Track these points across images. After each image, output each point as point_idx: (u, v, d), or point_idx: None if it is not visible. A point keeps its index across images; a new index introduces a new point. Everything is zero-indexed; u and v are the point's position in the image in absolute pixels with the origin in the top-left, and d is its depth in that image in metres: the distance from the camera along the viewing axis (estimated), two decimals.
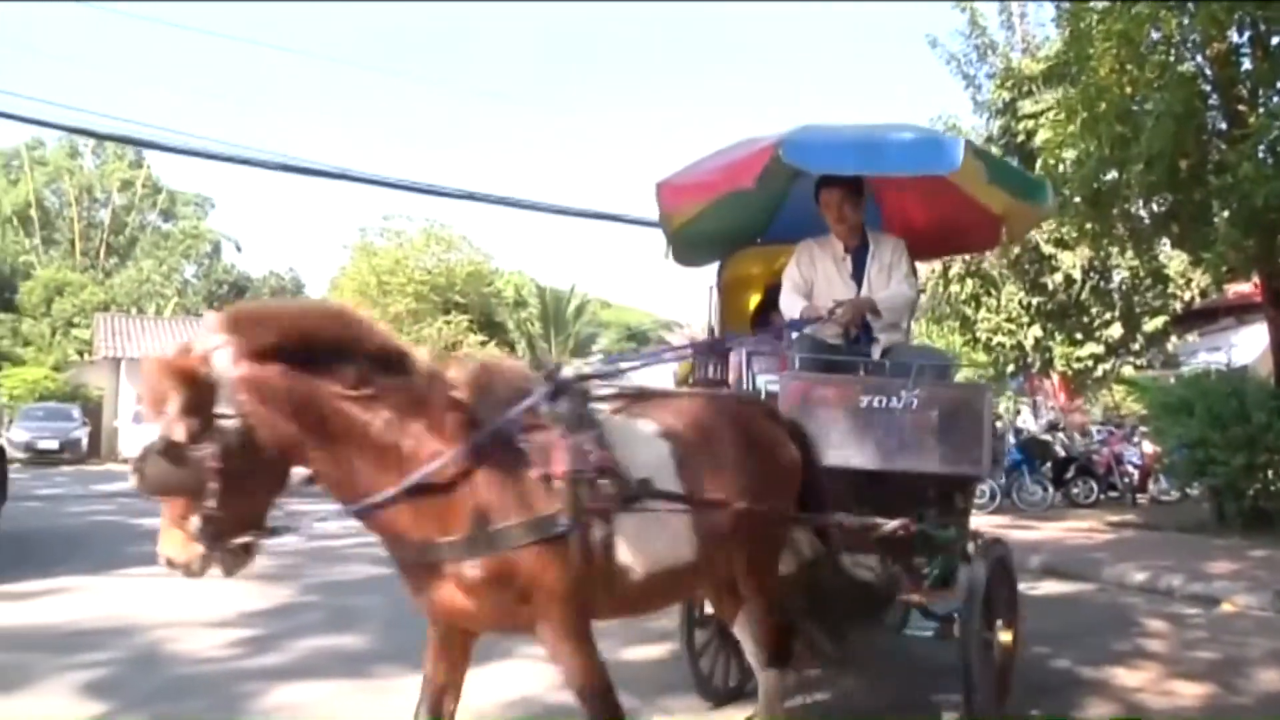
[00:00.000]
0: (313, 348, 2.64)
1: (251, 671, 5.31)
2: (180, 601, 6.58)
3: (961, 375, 25.94)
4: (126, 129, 17.50)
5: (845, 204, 4.64)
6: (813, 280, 4.75)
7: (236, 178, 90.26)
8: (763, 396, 4.52)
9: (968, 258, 17.01)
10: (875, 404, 4.17)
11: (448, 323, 29.98)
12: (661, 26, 77.10)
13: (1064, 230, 14.31)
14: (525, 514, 2.76)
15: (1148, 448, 16.17)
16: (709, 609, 4.45)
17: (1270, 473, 11.07)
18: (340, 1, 65.52)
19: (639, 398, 3.52)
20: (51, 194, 47.79)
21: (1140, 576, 8.57)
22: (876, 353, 4.59)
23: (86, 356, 35.19)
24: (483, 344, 28.34)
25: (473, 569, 2.72)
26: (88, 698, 4.91)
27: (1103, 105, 9.39)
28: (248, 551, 2.66)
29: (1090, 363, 17.93)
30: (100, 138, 31.69)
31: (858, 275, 4.70)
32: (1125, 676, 5.36)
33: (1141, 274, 16.22)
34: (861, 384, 4.27)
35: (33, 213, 45.68)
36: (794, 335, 4.66)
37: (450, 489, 2.73)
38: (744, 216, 5.34)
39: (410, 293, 30.47)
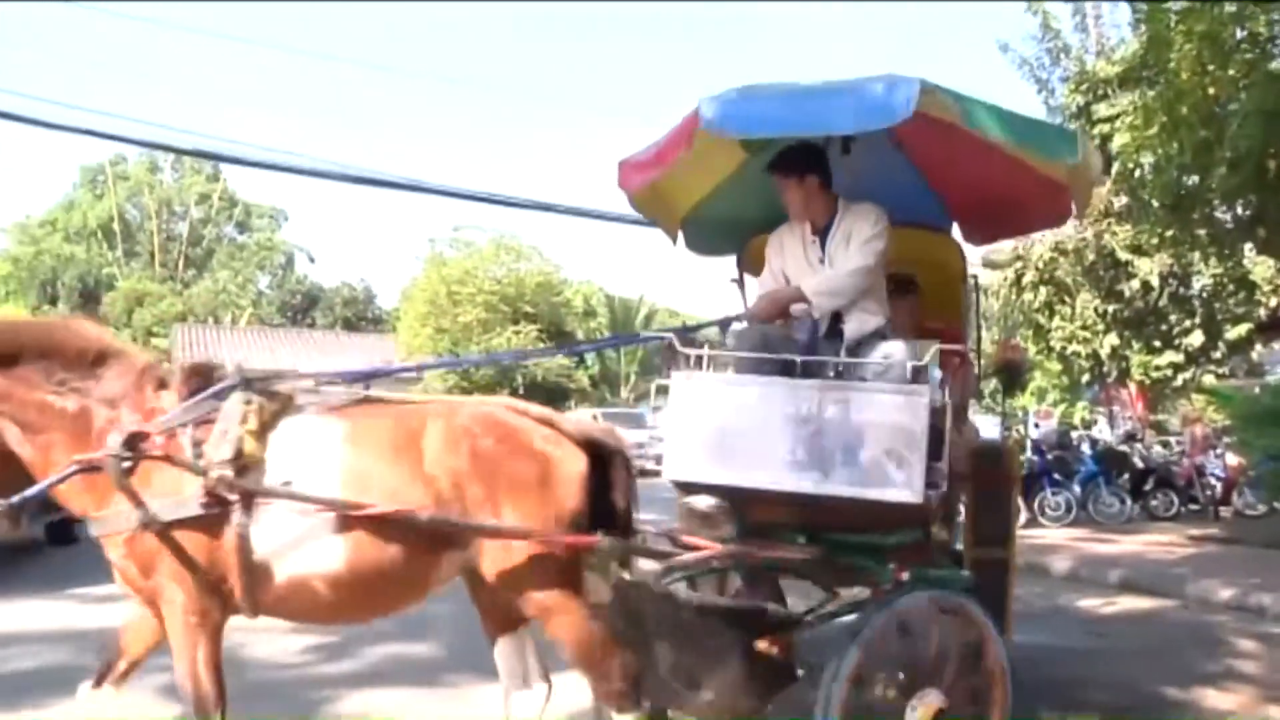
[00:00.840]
0: (18, 353, 3.14)
1: (325, 678, 5.37)
2: None
3: (1034, 385, 25.49)
4: (204, 144, 17.98)
5: (790, 188, 4.12)
6: (784, 270, 4.25)
7: (309, 190, 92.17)
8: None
9: (1040, 265, 16.67)
10: (785, 411, 3.54)
11: (517, 332, 30.20)
12: (711, 29, 77.07)
13: (1142, 236, 13.95)
14: (104, 503, 3.12)
15: (1231, 459, 15.67)
16: None
17: None
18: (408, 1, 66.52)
19: (368, 401, 3.45)
20: (133, 208, 49.26)
21: (1227, 593, 8.28)
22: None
23: (165, 365, 36.12)
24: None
25: (108, 546, 3.17)
26: (167, 699, 5.00)
27: (1184, 108, 9.12)
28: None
29: (1169, 372, 17.40)
30: (179, 153, 32.53)
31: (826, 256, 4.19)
32: (1216, 698, 5.17)
33: (1225, 280, 15.73)
34: (767, 388, 3.68)
35: (115, 226, 47.17)
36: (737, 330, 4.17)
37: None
38: (759, 199, 4.65)
39: (480, 303, 30.76)
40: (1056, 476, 14.88)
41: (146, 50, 67.08)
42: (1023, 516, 14.19)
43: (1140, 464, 15.90)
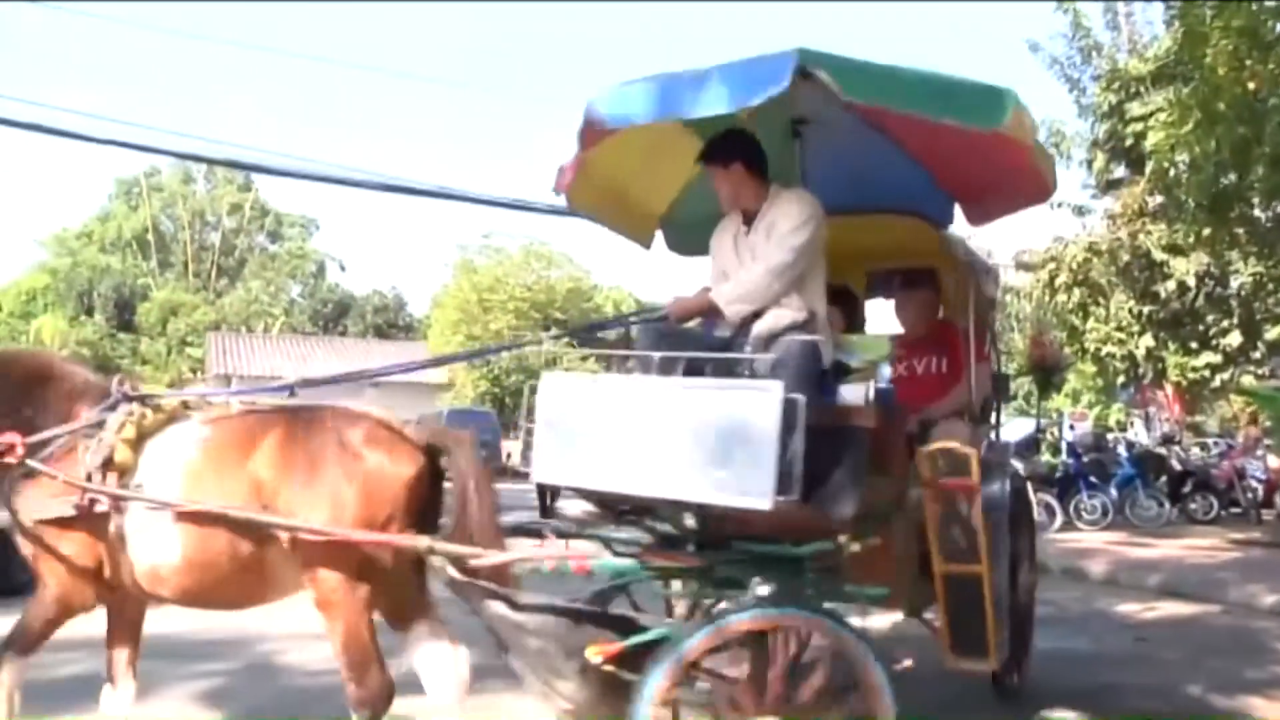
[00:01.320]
0: None
1: None
2: (294, 614, 6.72)
3: (1069, 387, 25.18)
4: (236, 154, 18.17)
5: (717, 176, 3.93)
6: (723, 265, 4.02)
7: (340, 199, 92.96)
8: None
9: (1074, 266, 16.51)
10: (645, 410, 3.35)
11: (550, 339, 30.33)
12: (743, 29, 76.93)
13: (1177, 236, 13.78)
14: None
15: (1273, 461, 15.42)
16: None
17: None
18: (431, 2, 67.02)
19: (239, 410, 3.83)
20: (167, 219, 49.91)
21: (1271, 599, 8.14)
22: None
23: (199, 374, 36.61)
24: (583, 359, 28.65)
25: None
26: (205, 705, 5.06)
27: (1221, 104, 8.99)
28: None
29: (1207, 373, 17.18)
30: (212, 163, 33.07)
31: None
32: (1265, 708, 5.06)
33: (1264, 279, 15.51)
34: (624, 388, 3.55)
35: (150, 237, 47.80)
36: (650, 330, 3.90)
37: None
38: None
39: (511, 309, 30.90)
40: (1092, 479, 14.73)
41: (149, 54, 67.99)
42: (1058, 519, 14.07)
43: (1178, 466, 15.70)
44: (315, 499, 3.42)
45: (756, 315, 3.75)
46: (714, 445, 3.17)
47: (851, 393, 3.58)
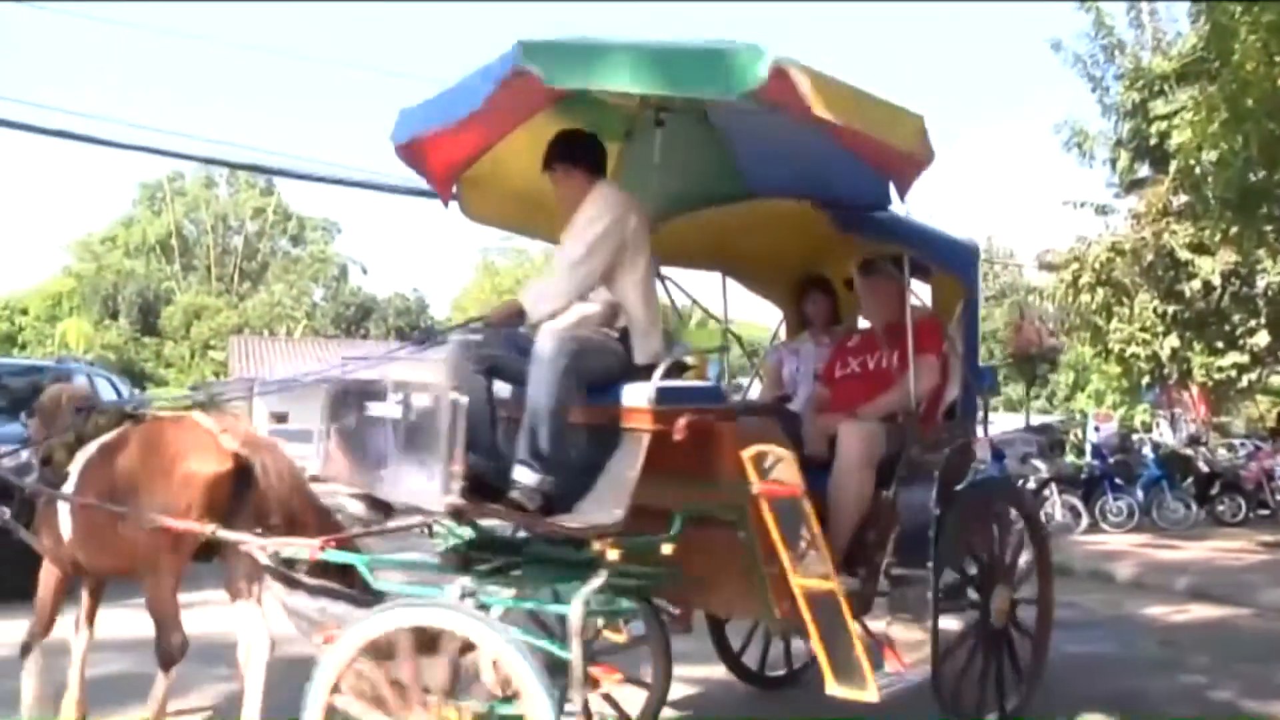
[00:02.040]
0: None
1: None
2: None
3: (1092, 388, 24.98)
4: (258, 158, 18.29)
5: (555, 176, 3.78)
6: None
7: (361, 202, 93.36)
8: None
9: (1097, 266, 16.40)
10: (375, 412, 3.47)
11: None
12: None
13: (1203, 234, 13.67)
14: None
15: None
16: None
17: None
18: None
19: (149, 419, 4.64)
20: (190, 223, 50.35)
21: None
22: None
23: (222, 377, 36.87)
24: None
25: None
26: (232, 708, 5.06)
27: (1249, 101, 8.90)
28: None
29: (1233, 373, 17.03)
30: (234, 167, 33.17)
31: None
32: None
33: None
34: (370, 388, 3.62)
35: (173, 241, 48.22)
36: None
37: None
38: (644, 189, 3.95)
39: None
40: (1118, 481, 14.61)
41: (146, 55, 68.54)
42: (1084, 521, 13.96)
43: (1205, 468, 15.55)
44: (145, 492, 4.13)
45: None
46: (405, 445, 3.34)
47: (632, 393, 3.39)
